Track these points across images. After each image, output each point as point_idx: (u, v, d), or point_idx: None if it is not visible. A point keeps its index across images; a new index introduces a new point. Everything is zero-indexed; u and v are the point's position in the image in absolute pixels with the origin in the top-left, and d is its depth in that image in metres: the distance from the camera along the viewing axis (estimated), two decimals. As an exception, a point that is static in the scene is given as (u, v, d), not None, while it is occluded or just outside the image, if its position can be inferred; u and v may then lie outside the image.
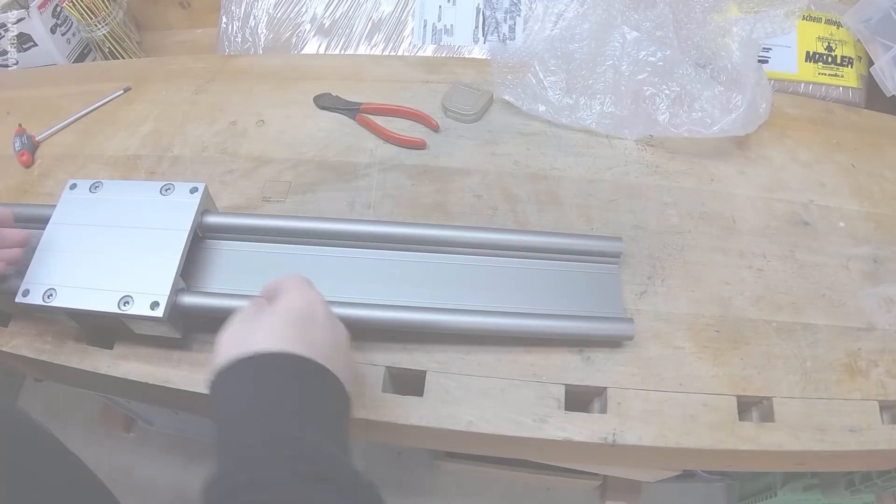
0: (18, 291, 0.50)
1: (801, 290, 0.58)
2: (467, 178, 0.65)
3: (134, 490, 1.29)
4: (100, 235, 0.53)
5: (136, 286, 0.49)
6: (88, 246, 0.52)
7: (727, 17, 0.66)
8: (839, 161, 0.67)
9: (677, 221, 0.62)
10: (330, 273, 0.56)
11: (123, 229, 0.53)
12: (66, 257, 0.52)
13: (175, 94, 0.75)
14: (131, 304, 0.49)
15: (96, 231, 0.53)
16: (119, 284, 0.50)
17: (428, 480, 1.25)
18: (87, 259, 0.52)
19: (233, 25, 0.86)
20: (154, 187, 0.55)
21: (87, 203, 0.55)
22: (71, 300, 0.50)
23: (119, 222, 0.53)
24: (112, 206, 0.54)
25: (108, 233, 0.53)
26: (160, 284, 0.50)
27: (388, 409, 0.51)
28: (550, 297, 0.54)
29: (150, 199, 0.54)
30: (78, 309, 0.49)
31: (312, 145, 0.69)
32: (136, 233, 0.53)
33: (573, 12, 0.67)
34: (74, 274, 0.51)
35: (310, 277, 0.46)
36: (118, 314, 0.49)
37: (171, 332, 0.51)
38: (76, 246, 0.52)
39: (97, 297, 0.49)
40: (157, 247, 0.52)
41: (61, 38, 0.88)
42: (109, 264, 0.51)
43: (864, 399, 0.52)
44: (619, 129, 0.68)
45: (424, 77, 0.75)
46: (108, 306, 0.49)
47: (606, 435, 0.49)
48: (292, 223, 0.56)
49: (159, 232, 0.52)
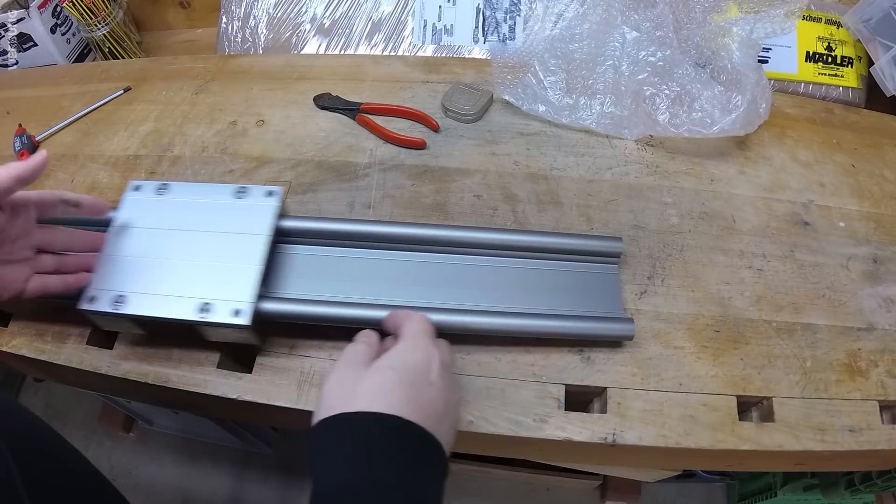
0: (82, 298, 0.48)
1: (801, 290, 0.58)
2: (467, 178, 0.65)
3: (134, 490, 1.29)
4: (171, 239, 0.51)
5: (216, 293, 0.47)
6: (159, 250, 0.50)
7: (727, 17, 0.66)
8: (839, 161, 0.67)
9: (677, 221, 0.62)
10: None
11: (196, 233, 0.51)
12: (135, 262, 0.49)
13: (175, 94, 0.75)
14: (212, 311, 0.47)
15: (166, 235, 0.51)
16: (197, 291, 0.47)
17: (428, 480, 1.24)
18: (158, 264, 0.49)
19: (233, 25, 0.86)
20: (227, 190, 0.53)
21: (153, 205, 0.53)
22: (144, 308, 0.47)
23: (191, 226, 0.51)
24: (182, 209, 0.52)
25: (179, 237, 0.51)
26: (242, 291, 0.48)
27: (388, 409, 0.51)
28: (550, 297, 0.54)
29: (222, 201, 0.52)
30: (153, 317, 0.47)
31: (312, 145, 0.69)
32: (211, 237, 0.50)
33: (573, 12, 0.67)
34: (146, 280, 0.48)
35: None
36: (197, 322, 0.47)
37: (253, 339, 0.50)
38: (145, 250, 0.50)
39: (174, 305, 0.47)
40: (235, 251, 0.50)
41: (61, 38, 0.88)
42: (184, 270, 0.48)
43: (864, 399, 0.52)
44: (619, 129, 0.68)
45: (424, 77, 0.75)
46: (186, 314, 0.47)
47: (606, 435, 0.49)
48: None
49: (237, 236, 0.50)
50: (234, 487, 1.29)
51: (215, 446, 1.32)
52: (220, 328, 0.48)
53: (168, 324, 0.48)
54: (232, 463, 1.31)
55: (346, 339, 0.54)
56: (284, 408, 0.51)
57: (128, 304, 0.47)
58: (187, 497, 1.28)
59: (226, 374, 0.53)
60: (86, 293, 0.48)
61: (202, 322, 0.47)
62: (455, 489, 1.23)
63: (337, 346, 0.54)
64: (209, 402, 0.53)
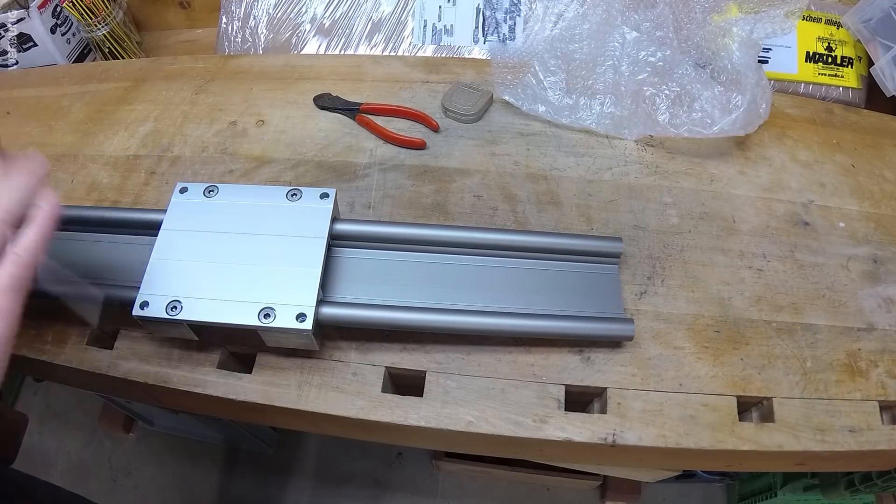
0: (134, 304, 0.46)
1: (801, 290, 0.58)
2: (467, 179, 0.65)
3: (134, 490, 1.29)
4: (224, 242, 0.49)
5: (277, 297, 0.46)
6: (212, 254, 0.49)
7: (727, 17, 0.66)
8: (839, 161, 0.67)
9: (677, 221, 0.62)
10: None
11: (250, 236, 0.49)
12: (188, 267, 0.48)
13: (175, 94, 0.75)
14: (274, 316, 0.45)
15: (218, 238, 0.49)
16: (257, 296, 0.46)
17: (428, 480, 1.25)
18: (214, 268, 0.48)
19: (233, 25, 0.86)
20: (279, 192, 0.52)
21: (202, 208, 0.51)
22: (203, 314, 0.46)
23: (243, 229, 0.50)
24: (232, 212, 0.51)
25: (232, 240, 0.49)
26: (303, 295, 0.46)
27: (388, 409, 0.51)
28: (550, 298, 0.54)
29: (275, 204, 0.51)
30: (212, 322, 0.46)
31: (312, 145, 0.69)
32: (265, 240, 0.49)
33: (573, 12, 0.67)
34: (201, 284, 0.47)
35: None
36: (260, 327, 0.46)
37: (312, 344, 0.49)
38: (197, 254, 0.49)
39: (233, 310, 0.46)
40: (292, 255, 0.48)
41: (61, 38, 0.88)
42: (242, 274, 0.47)
43: (864, 399, 0.52)
44: (618, 129, 0.68)
45: (424, 77, 0.75)
46: (247, 319, 0.45)
47: (606, 435, 0.49)
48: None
49: (293, 239, 0.49)
50: (233, 487, 1.29)
51: (215, 446, 1.32)
52: (282, 334, 0.47)
53: (224, 329, 0.47)
54: (232, 463, 1.31)
55: (344, 338, 0.54)
56: (284, 408, 0.51)
57: (184, 309, 0.46)
58: (187, 497, 1.28)
59: (226, 374, 0.53)
60: (138, 299, 0.47)
61: (265, 328, 0.46)
62: (455, 489, 1.23)
63: (336, 345, 0.54)
64: (209, 402, 0.53)
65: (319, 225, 0.50)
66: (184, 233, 0.50)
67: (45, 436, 1.35)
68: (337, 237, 0.53)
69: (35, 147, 0.71)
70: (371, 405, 0.51)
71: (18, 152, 0.36)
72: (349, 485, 1.27)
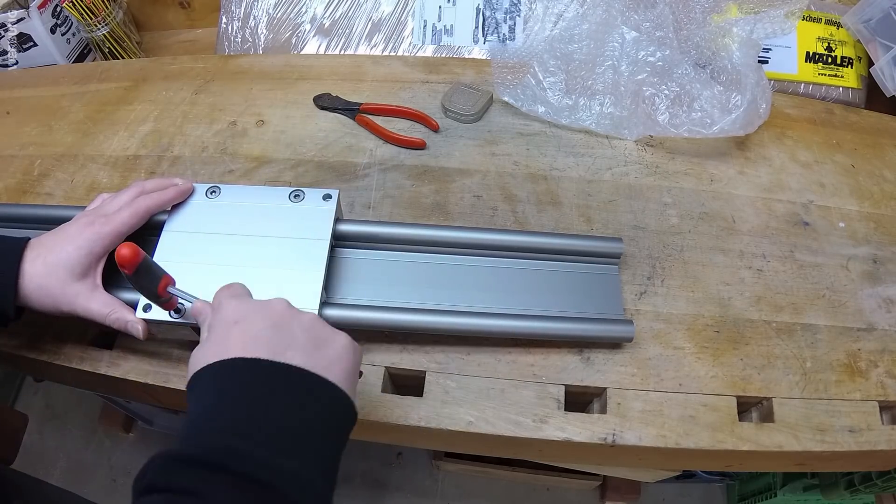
0: (137, 305, 0.46)
1: (801, 290, 0.58)
2: (467, 179, 0.65)
3: (134, 490, 1.29)
4: (228, 244, 0.49)
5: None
6: (216, 255, 0.49)
7: (727, 17, 0.66)
8: (839, 161, 0.67)
9: (677, 222, 0.62)
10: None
11: (252, 237, 0.49)
12: (192, 268, 0.48)
13: (175, 94, 0.75)
14: None
15: (221, 239, 0.49)
16: (260, 297, 0.45)
17: (428, 480, 1.25)
18: (216, 269, 0.48)
19: (233, 25, 0.86)
20: (281, 193, 0.52)
21: (204, 209, 0.51)
22: None
23: (246, 230, 0.50)
24: (235, 213, 0.51)
25: (235, 241, 0.49)
26: (306, 297, 0.46)
27: (388, 409, 0.51)
28: (550, 298, 0.54)
29: (278, 205, 0.51)
30: None
31: (312, 145, 0.69)
32: (268, 241, 0.49)
33: (573, 12, 0.67)
34: (204, 286, 0.45)
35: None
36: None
37: None
38: (200, 255, 0.48)
39: None
40: (295, 257, 0.48)
41: (61, 38, 0.88)
42: (245, 275, 0.46)
43: (863, 399, 0.52)
44: (618, 129, 0.68)
45: (424, 77, 0.75)
46: None
47: (606, 435, 0.49)
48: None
49: (295, 241, 0.49)
50: (233, 487, 1.29)
51: (215, 446, 1.32)
52: None
53: None
54: (232, 463, 1.31)
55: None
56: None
57: (187, 312, 0.45)
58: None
59: (226, 374, 0.53)
60: (141, 301, 0.46)
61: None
62: (455, 489, 1.23)
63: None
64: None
65: (322, 226, 0.50)
66: (186, 234, 0.50)
67: (45, 436, 1.35)
68: (339, 238, 0.53)
69: (35, 147, 0.71)
70: (371, 405, 0.51)
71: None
72: (349, 485, 1.27)
